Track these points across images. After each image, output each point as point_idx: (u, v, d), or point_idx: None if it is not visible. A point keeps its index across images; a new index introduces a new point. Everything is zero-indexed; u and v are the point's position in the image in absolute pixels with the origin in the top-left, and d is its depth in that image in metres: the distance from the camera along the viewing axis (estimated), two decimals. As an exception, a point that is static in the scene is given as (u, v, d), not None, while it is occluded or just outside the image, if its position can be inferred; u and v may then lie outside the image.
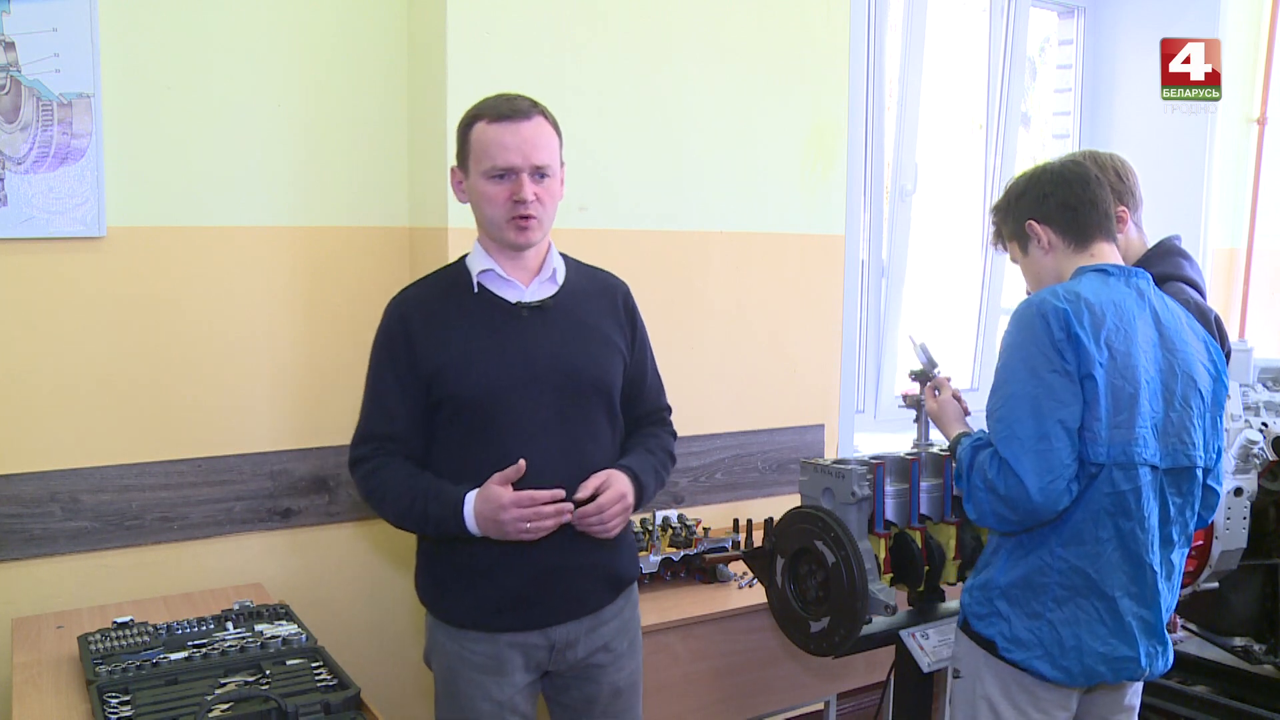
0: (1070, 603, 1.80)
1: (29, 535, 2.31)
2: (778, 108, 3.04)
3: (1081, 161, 1.96)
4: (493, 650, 1.82)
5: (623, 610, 1.94)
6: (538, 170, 1.77)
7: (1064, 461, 1.72)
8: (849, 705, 3.26)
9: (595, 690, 1.91)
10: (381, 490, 1.81)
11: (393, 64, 2.64)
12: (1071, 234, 1.89)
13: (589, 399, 1.84)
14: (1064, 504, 1.75)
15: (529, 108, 1.79)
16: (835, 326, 3.26)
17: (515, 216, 1.76)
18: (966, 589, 1.94)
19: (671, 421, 2.07)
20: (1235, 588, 2.68)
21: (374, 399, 1.85)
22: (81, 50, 2.25)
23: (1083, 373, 1.74)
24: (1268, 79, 4.21)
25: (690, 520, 2.73)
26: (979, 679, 1.89)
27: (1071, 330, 1.73)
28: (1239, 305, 4.33)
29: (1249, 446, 2.57)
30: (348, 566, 2.69)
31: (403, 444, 1.82)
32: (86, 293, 2.34)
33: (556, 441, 1.79)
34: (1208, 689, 2.81)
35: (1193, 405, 1.84)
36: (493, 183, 1.77)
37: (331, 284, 2.62)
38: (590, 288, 1.92)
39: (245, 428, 2.54)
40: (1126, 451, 1.75)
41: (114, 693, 1.75)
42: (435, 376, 1.79)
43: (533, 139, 1.76)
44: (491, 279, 1.84)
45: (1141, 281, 1.88)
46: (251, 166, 2.50)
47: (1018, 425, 1.75)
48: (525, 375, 1.79)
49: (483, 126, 1.77)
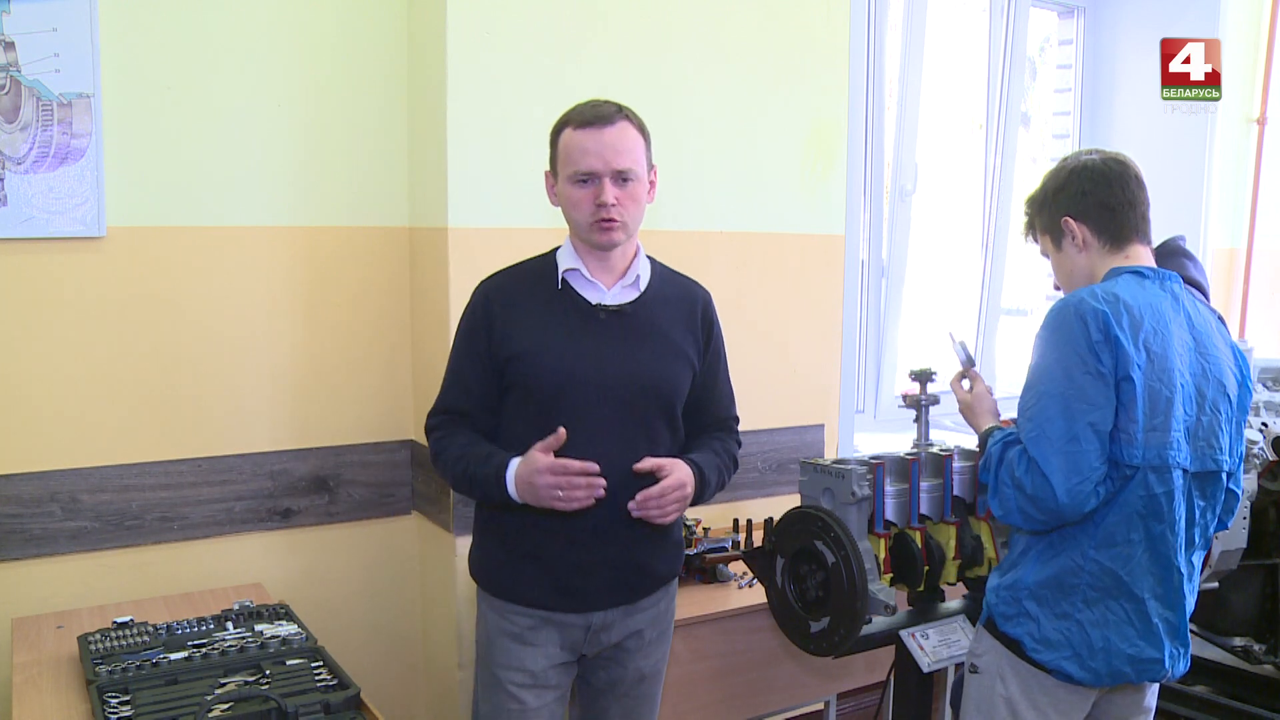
0: (1100, 604, 1.80)
1: (29, 535, 2.31)
2: (778, 108, 3.04)
3: (1124, 160, 1.92)
4: (531, 624, 1.91)
5: (659, 602, 2.01)
6: (620, 174, 1.83)
7: (1092, 464, 1.72)
8: (849, 705, 3.26)
9: (621, 673, 2.00)
10: (444, 454, 1.91)
11: (393, 64, 2.64)
12: (1108, 234, 1.87)
13: (650, 406, 1.91)
14: (1090, 506, 1.74)
15: (613, 113, 1.85)
16: (835, 326, 3.26)
17: (599, 220, 1.83)
18: (992, 588, 1.93)
19: (738, 431, 2.11)
20: (1235, 588, 2.69)
21: (453, 374, 1.95)
22: (81, 50, 2.25)
23: (1120, 375, 1.73)
24: (1268, 79, 4.21)
25: (690, 520, 2.73)
26: (1000, 678, 1.88)
27: (1110, 332, 1.72)
28: (1239, 305, 4.32)
29: (1249, 446, 2.57)
30: (348, 566, 2.69)
31: (473, 419, 1.93)
32: (86, 293, 2.34)
33: (613, 442, 1.85)
34: (1208, 689, 2.81)
35: (1221, 410, 1.84)
36: (578, 187, 1.84)
37: (331, 284, 2.62)
38: (671, 294, 1.98)
39: (245, 428, 2.54)
40: (1161, 455, 1.75)
41: (114, 693, 1.75)
42: (510, 362, 1.88)
43: (614, 144, 1.82)
44: (576, 278, 1.91)
45: (1175, 285, 1.87)
46: (251, 166, 2.50)
47: (1048, 425, 1.74)
48: (593, 375, 1.86)
49: (570, 133, 1.85)
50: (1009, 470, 1.79)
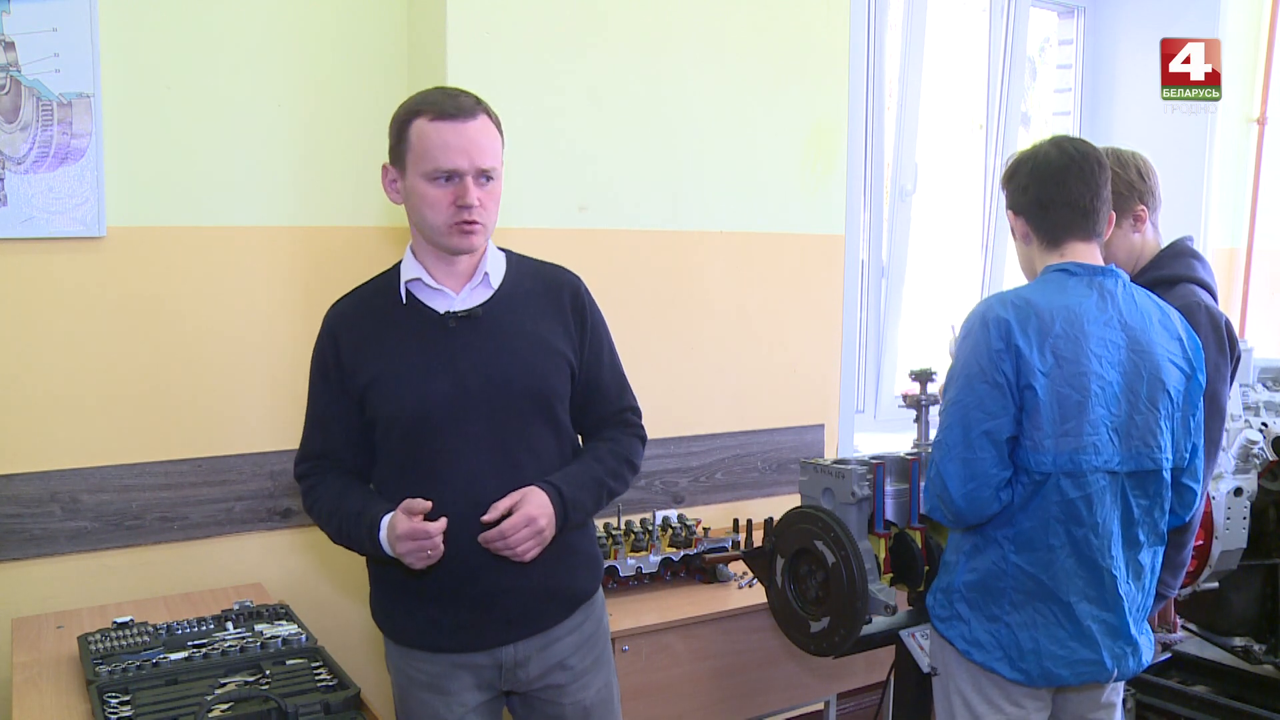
0: (1027, 606, 1.80)
1: (29, 535, 2.31)
2: (778, 108, 3.04)
3: (1083, 151, 1.88)
4: (438, 670, 1.77)
5: (581, 625, 1.84)
6: (483, 173, 1.68)
7: (988, 471, 1.75)
8: (849, 705, 3.26)
9: (559, 711, 1.82)
10: (316, 509, 1.78)
11: (393, 64, 2.64)
12: (1044, 231, 1.87)
13: (523, 411, 1.74)
14: (992, 510, 1.77)
15: (473, 106, 1.69)
16: (835, 326, 3.26)
17: (459, 222, 1.67)
18: (931, 591, 1.95)
19: (638, 423, 1.92)
20: (1235, 588, 2.68)
21: (311, 417, 1.81)
22: (81, 50, 2.25)
23: (1022, 384, 1.73)
24: (1268, 79, 4.21)
25: (690, 520, 2.73)
26: (953, 678, 1.90)
27: (1012, 340, 1.73)
28: (1239, 305, 4.32)
29: (1249, 446, 2.57)
30: (348, 566, 2.68)
31: (340, 461, 1.78)
32: (86, 293, 2.34)
33: (488, 458, 1.71)
34: (1208, 689, 2.81)
35: (1159, 407, 1.81)
36: (434, 185, 1.67)
37: (331, 284, 2.59)
38: (534, 287, 1.81)
39: (245, 428, 2.54)
40: (1074, 460, 1.74)
41: (114, 693, 1.75)
42: (364, 395, 1.73)
43: (478, 139, 1.67)
44: (419, 288, 1.75)
45: (1108, 280, 1.84)
46: (251, 166, 2.49)
47: (948, 432, 1.79)
48: (453, 391, 1.70)
49: (424, 124, 1.66)
50: (928, 469, 1.85)
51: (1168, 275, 2.18)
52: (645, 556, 2.55)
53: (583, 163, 2.73)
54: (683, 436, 3.00)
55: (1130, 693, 2.77)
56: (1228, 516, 2.49)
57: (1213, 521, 2.48)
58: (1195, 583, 2.52)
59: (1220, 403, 2.09)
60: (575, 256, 2.65)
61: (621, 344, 1.94)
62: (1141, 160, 2.21)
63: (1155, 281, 2.18)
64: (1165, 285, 2.17)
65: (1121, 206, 2.19)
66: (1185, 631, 2.77)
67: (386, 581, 1.81)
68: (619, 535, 2.57)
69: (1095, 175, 1.85)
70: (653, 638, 2.37)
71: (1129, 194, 2.18)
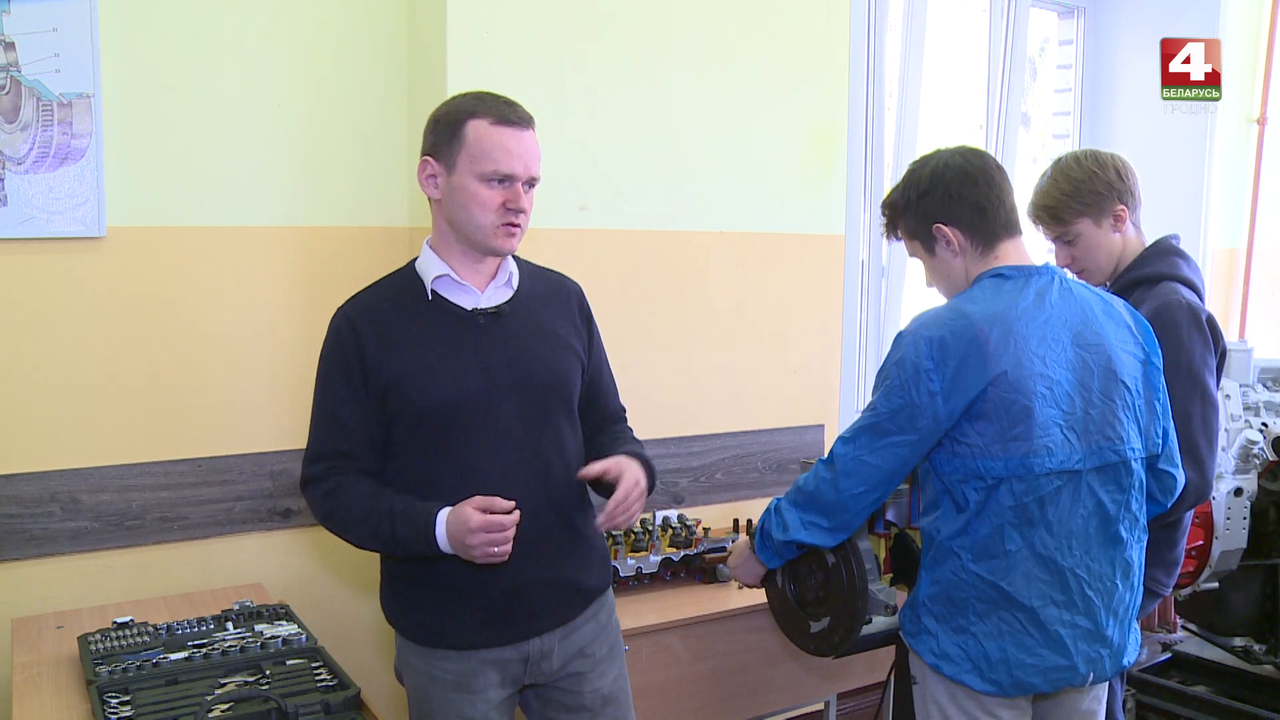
0: (991, 616, 1.76)
1: (29, 535, 2.31)
2: (778, 107, 3.04)
3: (980, 152, 1.89)
4: (466, 668, 1.77)
5: (597, 615, 1.89)
6: (531, 182, 1.76)
7: (873, 479, 1.78)
8: (849, 705, 3.26)
9: (579, 700, 1.86)
10: (343, 512, 1.73)
11: (393, 64, 2.64)
12: (980, 235, 1.83)
13: (550, 404, 1.80)
14: (857, 524, 1.84)
15: (529, 117, 1.77)
16: (835, 326, 3.26)
17: (506, 223, 1.73)
18: (904, 605, 1.93)
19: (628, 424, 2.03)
20: (1235, 588, 2.69)
21: (326, 414, 1.77)
22: (81, 50, 2.25)
23: (955, 398, 1.70)
24: (1268, 79, 4.22)
25: (690, 520, 2.73)
26: (927, 685, 1.88)
27: (944, 359, 1.70)
28: (1239, 305, 4.33)
29: (1249, 446, 2.57)
30: (348, 566, 2.69)
31: (358, 461, 1.76)
32: (86, 293, 2.34)
33: (518, 450, 1.75)
34: (1208, 689, 2.81)
35: (1115, 399, 1.78)
36: (487, 186, 1.71)
37: (331, 284, 2.60)
38: (545, 290, 1.88)
39: (245, 428, 2.54)
40: (1026, 463, 1.71)
41: (114, 693, 1.75)
42: (390, 389, 1.73)
43: (533, 150, 1.75)
44: (446, 284, 1.78)
45: (1042, 280, 1.81)
46: (251, 166, 2.50)
47: (858, 433, 1.79)
48: (484, 384, 1.74)
49: (485, 125, 1.71)
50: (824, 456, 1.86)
51: (1150, 274, 2.17)
52: (645, 556, 2.55)
53: (583, 163, 2.73)
54: (683, 436, 3.00)
55: (1130, 693, 2.78)
56: (1228, 517, 2.49)
57: (1213, 522, 2.48)
58: (1195, 583, 2.53)
59: (1209, 394, 2.07)
60: (575, 256, 2.66)
61: (622, 344, 1.96)
62: (1120, 160, 2.22)
63: (1137, 280, 2.18)
64: (1147, 284, 2.16)
65: (1101, 207, 2.19)
66: (1185, 631, 2.78)
67: (406, 581, 1.81)
68: (619, 535, 2.57)
69: (1003, 171, 1.88)
70: (653, 638, 2.37)
71: (1108, 194, 2.18)
